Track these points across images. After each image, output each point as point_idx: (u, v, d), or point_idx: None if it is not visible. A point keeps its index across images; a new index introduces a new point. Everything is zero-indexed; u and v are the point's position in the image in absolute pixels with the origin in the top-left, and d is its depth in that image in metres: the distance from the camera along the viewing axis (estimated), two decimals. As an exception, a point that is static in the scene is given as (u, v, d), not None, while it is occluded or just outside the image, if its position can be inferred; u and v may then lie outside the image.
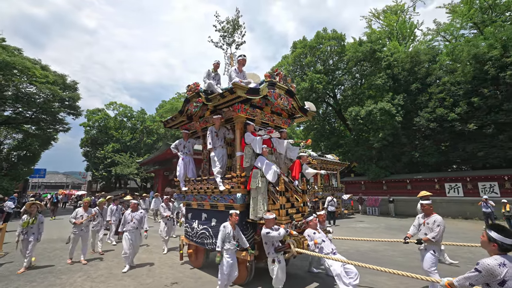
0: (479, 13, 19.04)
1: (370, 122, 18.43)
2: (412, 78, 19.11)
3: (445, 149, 17.82)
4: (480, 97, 15.59)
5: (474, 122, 15.65)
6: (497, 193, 14.88)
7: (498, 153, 15.31)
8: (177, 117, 6.57)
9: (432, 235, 4.25)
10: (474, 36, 19.21)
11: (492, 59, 15.01)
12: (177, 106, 41.77)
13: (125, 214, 6.35)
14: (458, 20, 20.82)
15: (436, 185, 17.49)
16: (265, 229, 4.31)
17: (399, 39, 23.86)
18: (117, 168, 30.24)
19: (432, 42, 23.24)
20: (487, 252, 2.26)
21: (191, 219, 6.25)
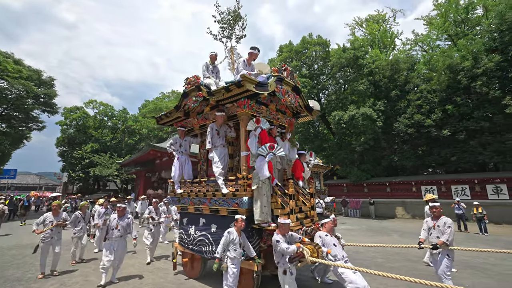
0: (453, 26, 20.27)
1: (352, 127, 18.98)
2: (392, 85, 19.94)
3: (421, 154, 18.71)
4: (453, 105, 16.54)
5: (448, 128, 16.57)
6: (468, 195, 15.80)
7: (469, 158, 16.29)
8: (172, 113, 5.98)
9: (446, 238, 4.20)
10: (448, 47, 20.40)
11: (464, 70, 16.00)
12: (161, 106, 40.83)
13: (110, 219, 5.61)
14: (434, 31, 22.04)
15: (413, 188, 18.27)
16: (276, 236, 3.86)
17: (381, 47, 24.84)
18: (95, 169, 28.98)
19: (411, 51, 24.41)
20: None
21: (187, 224, 5.67)
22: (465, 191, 16.11)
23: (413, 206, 18.13)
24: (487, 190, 15.34)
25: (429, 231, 4.60)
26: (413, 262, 6.86)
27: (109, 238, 5.40)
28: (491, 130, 15.64)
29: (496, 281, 5.35)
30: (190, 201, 5.56)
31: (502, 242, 9.68)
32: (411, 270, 6.08)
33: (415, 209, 18.02)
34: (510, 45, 14.57)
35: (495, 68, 14.90)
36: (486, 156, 15.50)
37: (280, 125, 5.82)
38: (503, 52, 14.92)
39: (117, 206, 5.69)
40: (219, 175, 4.84)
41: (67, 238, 7.36)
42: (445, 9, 20.60)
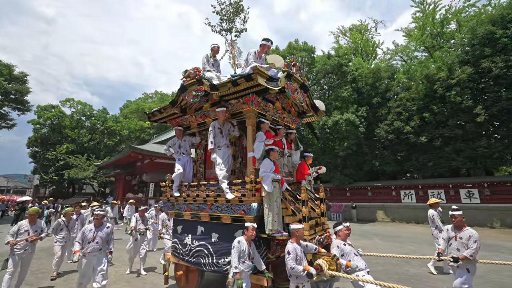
0: (430, 38, 21.43)
1: (336, 132, 19.39)
2: (374, 92, 20.65)
3: (400, 159, 19.43)
4: (430, 113, 17.37)
5: (425, 135, 17.35)
6: (443, 199, 16.55)
7: (444, 164, 17.13)
8: (167, 109, 5.40)
9: (469, 253, 3.81)
10: (425, 58, 21.51)
11: (440, 80, 16.89)
12: (144, 107, 39.68)
13: (84, 230, 4.66)
14: (412, 43, 23.17)
15: (393, 192, 18.90)
16: (290, 245, 3.42)
17: (363, 55, 25.73)
18: (71, 171, 27.46)
19: (391, 61, 25.47)
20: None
21: (182, 233, 5.07)
22: (440, 195, 16.87)
23: (393, 209, 18.72)
24: (461, 194, 16.17)
25: (449, 241, 4.21)
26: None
27: (85, 254, 4.47)
28: (463, 138, 16.56)
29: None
30: (186, 207, 4.98)
31: (475, 244, 10.14)
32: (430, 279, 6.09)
33: (394, 212, 18.61)
34: (481, 58, 15.58)
35: (468, 79, 15.85)
36: (459, 162, 16.37)
37: (285, 124, 5.48)
38: (474, 65, 15.92)
39: (95, 213, 4.87)
40: (223, 178, 4.32)
41: (45, 245, 6.74)
42: (423, 22, 21.75)
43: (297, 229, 3.49)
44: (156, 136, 30.80)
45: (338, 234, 4.00)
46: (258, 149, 4.25)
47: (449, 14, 20.99)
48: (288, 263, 3.28)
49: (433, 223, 6.75)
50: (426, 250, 9.06)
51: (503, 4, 17.41)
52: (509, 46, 14.70)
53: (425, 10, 21.94)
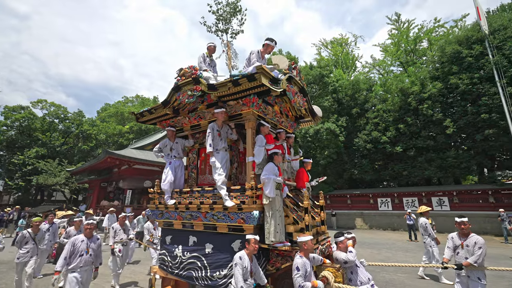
0: (404, 54, 22.83)
1: (317, 140, 19.83)
2: (353, 103, 21.48)
3: (378, 168, 20.20)
4: (405, 124, 18.31)
5: (400, 145, 18.22)
6: (417, 207, 17.31)
7: (417, 173, 18.02)
8: (158, 109, 5.02)
9: (474, 259, 3.72)
10: (400, 73, 22.82)
11: (413, 94, 17.94)
12: (123, 111, 38.37)
13: (74, 241, 4.18)
14: (389, 58, 24.55)
15: (371, 200, 19.50)
16: (299, 259, 3.15)
17: (343, 67, 26.81)
18: (40, 177, 25.68)
19: (369, 74, 26.75)
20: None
21: (172, 244, 4.67)
22: (414, 203, 17.65)
23: (371, 217, 19.27)
24: (433, 202, 17.01)
25: (455, 249, 4.12)
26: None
27: (75, 269, 4.00)
28: (435, 148, 17.58)
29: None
30: (177, 215, 4.59)
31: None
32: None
33: (372, 220, 19.16)
34: (449, 75, 16.79)
35: (438, 94, 16.98)
36: (431, 171, 17.31)
37: (283, 129, 5.31)
38: (443, 81, 17.11)
39: (87, 223, 4.43)
40: (222, 184, 4.00)
41: (5, 258, 6.06)
42: (398, 39, 23.17)
43: (305, 241, 3.21)
44: (136, 141, 29.75)
45: (338, 246, 3.77)
46: (259, 154, 4.04)
47: (421, 33, 22.56)
48: (297, 280, 3.02)
49: (426, 231, 6.74)
50: (399, 257, 9.36)
51: (468, 26, 19.02)
52: (473, 64, 15.99)
53: (400, 28, 23.42)
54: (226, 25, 6.18)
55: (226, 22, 6.20)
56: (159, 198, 4.99)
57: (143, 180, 20.44)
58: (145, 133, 34.36)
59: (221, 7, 6.16)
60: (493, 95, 14.78)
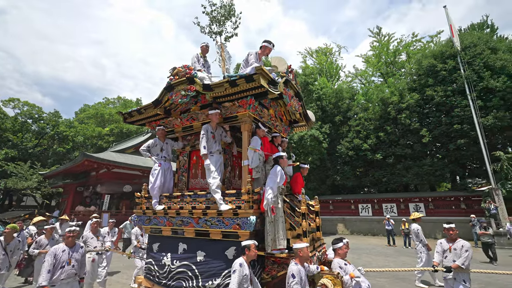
0: (385, 66, 23.89)
1: (301, 146, 20.11)
2: (337, 111, 22.07)
3: (359, 174, 20.77)
4: (384, 133, 19.04)
5: (380, 152, 18.89)
6: (395, 213, 17.93)
7: (396, 179, 18.73)
8: (148, 109, 4.78)
9: (461, 261, 3.95)
10: (381, 83, 23.80)
11: (393, 103, 18.74)
12: (104, 113, 37.03)
13: (55, 252, 3.78)
14: (370, 69, 25.58)
15: (352, 206, 19.95)
16: (294, 266, 3.02)
17: (327, 76, 27.56)
18: (9, 180, 24.00)
19: (352, 83, 27.69)
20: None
21: (160, 252, 4.39)
22: (393, 209, 18.27)
23: (352, 222, 19.69)
24: (410, 207, 17.69)
25: (443, 254, 4.36)
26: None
27: (55, 282, 3.62)
28: (412, 156, 18.38)
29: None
30: (167, 221, 4.34)
31: (421, 254, 11.07)
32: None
33: (353, 225, 19.58)
34: (425, 87, 17.74)
35: (415, 104, 17.85)
36: (408, 178, 18.05)
37: (277, 133, 5.20)
38: (420, 92, 18.04)
39: (69, 230, 4.08)
40: (217, 188, 3.82)
41: None
42: (379, 51, 24.23)
43: (301, 248, 3.10)
44: (116, 144, 28.69)
45: (337, 252, 3.62)
46: (251, 156, 3.90)
47: (400, 46, 23.77)
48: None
49: (418, 237, 6.85)
50: (380, 262, 9.59)
51: (442, 42, 20.29)
52: (447, 78, 17.01)
53: (381, 40, 24.54)
54: (220, 27, 6.10)
55: (220, 24, 6.12)
56: (147, 203, 4.73)
57: (122, 184, 19.68)
58: (126, 136, 33.27)
59: (215, 9, 6.06)
60: (465, 107, 15.76)
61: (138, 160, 20.44)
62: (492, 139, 16.41)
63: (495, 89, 15.18)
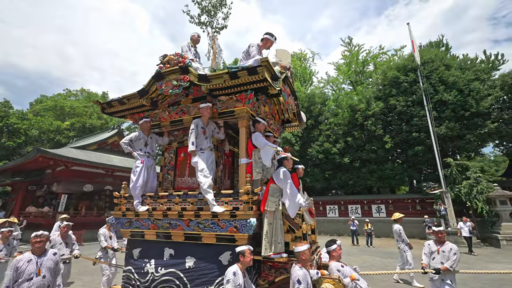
0: (354, 74, 25.22)
1: (274, 148, 20.41)
2: (309, 115, 22.75)
3: (328, 177, 21.62)
4: (352, 138, 20.07)
5: (348, 156, 19.86)
6: (359, 214, 18.96)
7: (361, 182, 19.83)
8: (132, 100, 4.34)
9: (450, 264, 4.06)
10: (350, 90, 25.07)
11: (360, 110, 19.84)
12: (64, 105, 34.10)
13: (16, 264, 3.20)
14: (341, 76, 26.83)
15: (321, 207, 20.69)
16: (298, 270, 2.84)
17: (301, 81, 28.33)
18: None
19: (324, 89, 28.77)
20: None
21: (141, 258, 3.98)
22: (357, 210, 19.29)
23: (320, 223, 20.38)
24: (372, 209, 18.83)
25: (431, 255, 4.46)
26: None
27: None
28: (376, 161, 19.61)
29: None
30: (151, 223, 3.95)
31: (382, 253, 11.81)
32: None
33: (321, 226, 20.29)
34: (389, 96, 19.06)
35: (380, 112, 19.08)
36: (372, 181, 19.22)
37: (270, 132, 4.99)
38: (385, 101, 19.33)
39: (36, 235, 3.45)
40: (209, 188, 3.53)
41: None
42: (349, 60, 25.53)
43: (303, 251, 2.95)
44: (77, 140, 26.53)
45: (332, 255, 3.49)
46: (267, 153, 3.64)
47: (369, 57, 25.29)
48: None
49: (400, 237, 7.06)
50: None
51: (405, 56, 21.99)
52: (408, 89, 18.45)
53: (352, 50, 25.89)
54: (211, 18, 5.86)
55: (210, 15, 5.86)
56: (127, 203, 4.28)
57: (83, 183, 18.23)
58: (89, 131, 30.96)
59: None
60: (422, 117, 17.22)
61: (102, 157, 19.10)
62: (444, 147, 18.12)
63: (448, 102, 16.81)
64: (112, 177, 19.82)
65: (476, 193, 14.62)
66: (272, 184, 3.51)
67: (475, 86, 16.62)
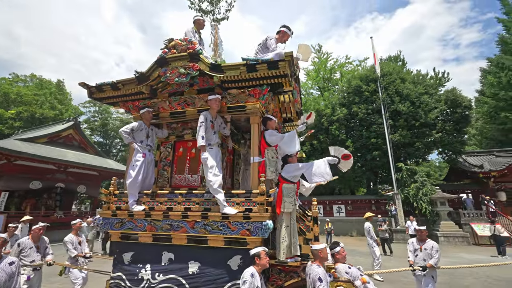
0: (322, 81, 26.45)
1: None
2: (278, 117, 23.35)
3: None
4: (318, 141, 21.02)
5: (313, 159, 20.70)
6: (322, 214, 19.91)
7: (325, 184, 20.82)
8: (128, 85, 3.96)
9: (434, 261, 4.36)
10: (318, 96, 26.23)
11: (326, 115, 20.88)
12: (8, 91, 30.31)
13: None
14: (310, 81, 27.93)
15: (286, 207, 21.28)
16: (318, 269, 2.76)
17: (272, 83, 28.93)
18: None
19: (294, 93, 29.70)
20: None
21: (134, 263, 3.61)
22: (320, 210, 20.24)
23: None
24: (333, 209, 19.93)
25: (414, 252, 4.74)
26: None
27: None
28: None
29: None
30: (148, 225, 3.59)
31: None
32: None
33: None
34: (352, 104, 20.37)
35: (344, 118, 20.29)
36: (334, 183, 20.32)
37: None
38: (348, 108, 20.60)
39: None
40: (219, 187, 3.28)
41: None
42: (318, 67, 26.70)
43: (321, 249, 2.91)
44: (24, 131, 23.70)
45: (336, 257, 3.40)
46: (292, 140, 3.70)
47: (336, 65, 26.72)
48: None
49: (369, 234, 7.83)
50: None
51: (368, 67, 23.69)
52: (369, 98, 19.90)
53: (321, 57, 27.11)
54: (212, 7, 5.46)
55: (212, 3, 5.49)
56: (117, 202, 3.88)
57: (29, 180, 16.40)
58: (40, 122, 27.95)
59: None
60: (380, 125, 18.71)
61: (53, 152, 17.35)
62: (397, 153, 19.89)
63: (402, 112, 18.51)
64: (65, 174, 18.16)
65: (422, 195, 16.34)
66: (285, 184, 3.41)
67: (424, 99, 18.56)
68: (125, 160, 35.70)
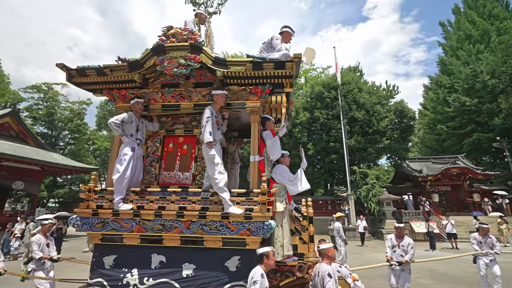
0: (288, 84, 27.31)
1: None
2: (244, 117, 23.49)
3: (257, 178, 22.72)
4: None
5: (276, 160, 21.30)
6: (282, 213, 20.59)
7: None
8: (117, 71, 3.62)
9: (409, 257, 4.66)
10: (283, 99, 27.04)
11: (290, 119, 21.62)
12: None
13: None
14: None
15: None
16: (326, 266, 2.82)
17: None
18: None
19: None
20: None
21: (118, 267, 3.28)
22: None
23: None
24: (293, 209, 20.68)
25: (392, 248, 4.96)
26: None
27: None
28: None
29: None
30: (136, 225, 3.27)
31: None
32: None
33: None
34: (314, 109, 21.43)
35: (306, 122, 21.23)
36: (295, 183, 21.14)
37: None
38: (311, 112, 21.63)
39: None
40: (225, 186, 3.15)
41: None
42: (285, 71, 27.52)
43: (328, 248, 2.97)
44: None
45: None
46: (274, 147, 3.68)
47: (301, 70, 27.81)
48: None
49: (338, 233, 8.12)
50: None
51: (330, 75, 25.15)
52: (329, 104, 21.14)
53: (287, 62, 27.97)
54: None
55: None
56: (98, 199, 3.49)
57: None
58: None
59: None
60: (338, 130, 20.00)
61: None
62: (353, 157, 21.49)
63: (358, 119, 20.05)
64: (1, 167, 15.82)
65: (371, 196, 17.90)
66: (274, 184, 3.48)
67: (377, 109, 20.37)
68: (75, 154, 32.33)
